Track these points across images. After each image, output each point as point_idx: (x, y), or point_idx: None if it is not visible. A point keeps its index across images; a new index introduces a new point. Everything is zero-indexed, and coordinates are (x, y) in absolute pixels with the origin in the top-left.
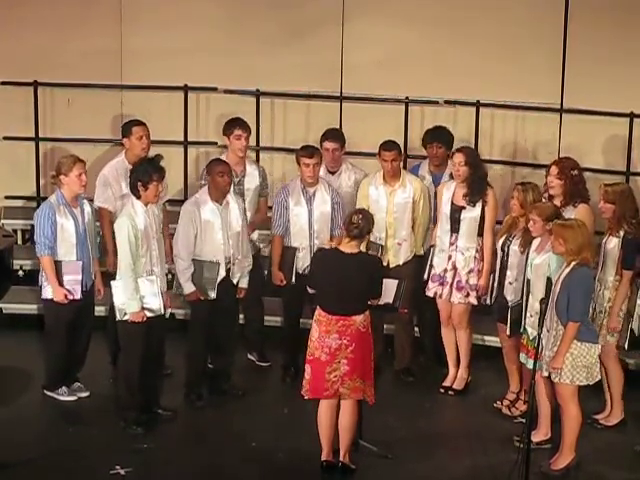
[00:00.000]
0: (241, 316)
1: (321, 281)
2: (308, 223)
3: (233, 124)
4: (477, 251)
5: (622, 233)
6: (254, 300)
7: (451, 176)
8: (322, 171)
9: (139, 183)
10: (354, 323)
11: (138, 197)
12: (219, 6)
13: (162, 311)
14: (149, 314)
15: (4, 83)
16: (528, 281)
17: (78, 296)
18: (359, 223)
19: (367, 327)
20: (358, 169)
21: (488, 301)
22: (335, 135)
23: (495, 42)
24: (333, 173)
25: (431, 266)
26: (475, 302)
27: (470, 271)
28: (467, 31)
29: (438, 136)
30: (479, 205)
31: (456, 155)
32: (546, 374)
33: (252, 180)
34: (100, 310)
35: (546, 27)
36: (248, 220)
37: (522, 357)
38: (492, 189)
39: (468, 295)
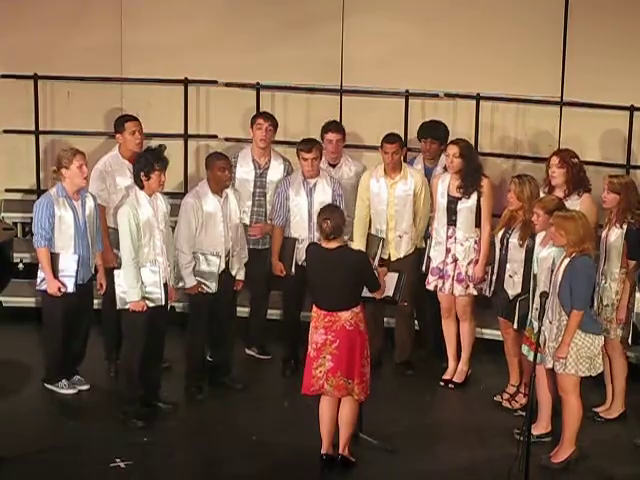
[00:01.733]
0: (246, 309)
1: (311, 276)
2: (308, 214)
3: (258, 115)
4: (476, 242)
5: (626, 225)
6: (263, 293)
7: (445, 168)
8: (323, 164)
9: (142, 173)
10: (339, 319)
11: (141, 187)
12: None
13: (163, 302)
14: (150, 304)
15: (4, 76)
16: (534, 275)
17: (70, 289)
18: (332, 227)
19: (355, 325)
20: (357, 161)
21: (487, 293)
22: (337, 126)
23: (495, 35)
24: (334, 166)
25: (429, 258)
26: (475, 293)
27: (470, 262)
28: (467, 24)
29: (432, 131)
30: (474, 195)
31: (450, 147)
32: (549, 366)
33: (276, 173)
34: (99, 304)
35: (546, 20)
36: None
37: (524, 349)
38: (488, 178)
39: (468, 287)
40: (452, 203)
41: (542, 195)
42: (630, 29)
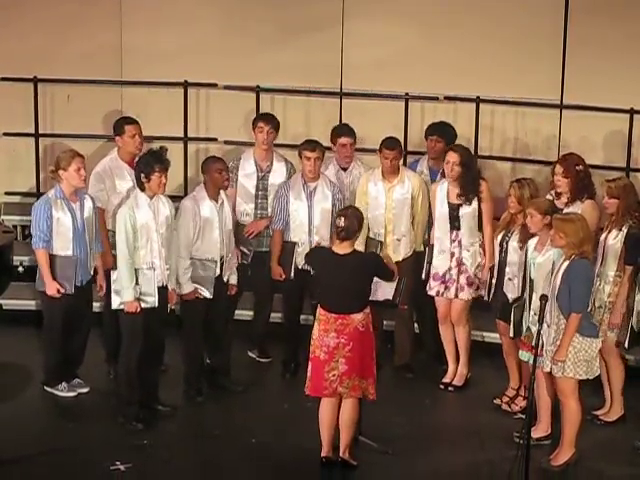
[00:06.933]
0: (250, 312)
1: (320, 280)
2: (308, 218)
3: (258, 117)
4: (480, 245)
5: (626, 228)
6: (267, 296)
7: (443, 174)
8: (333, 169)
9: (142, 174)
10: (352, 322)
11: (142, 189)
12: (220, 3)
13: (156, 304)
14: (143, 305)
15: (4, 79)
16: (531, 280)
17: (69, 291)
18: (343, 226)
19: (366, 326)
20: (366, 165)
21: (485, 297)
22: (350, 130)
23: (495, 38)
24: (345, 170)
25: (430, 265)
26: (484, 295)
27: (478, 266)
28: (467, 27)
29: (439, 130)
30: (475, 201)
31: (450, 154)
32: (547, 370)
33: (278, 176)
34: (101, 306)
35: (546, 23)
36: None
37: (523, 355)
38: (485, 182)
39: (478, 288)
40: (453, 210)
41: (549, 198)
42: (630, 32)
